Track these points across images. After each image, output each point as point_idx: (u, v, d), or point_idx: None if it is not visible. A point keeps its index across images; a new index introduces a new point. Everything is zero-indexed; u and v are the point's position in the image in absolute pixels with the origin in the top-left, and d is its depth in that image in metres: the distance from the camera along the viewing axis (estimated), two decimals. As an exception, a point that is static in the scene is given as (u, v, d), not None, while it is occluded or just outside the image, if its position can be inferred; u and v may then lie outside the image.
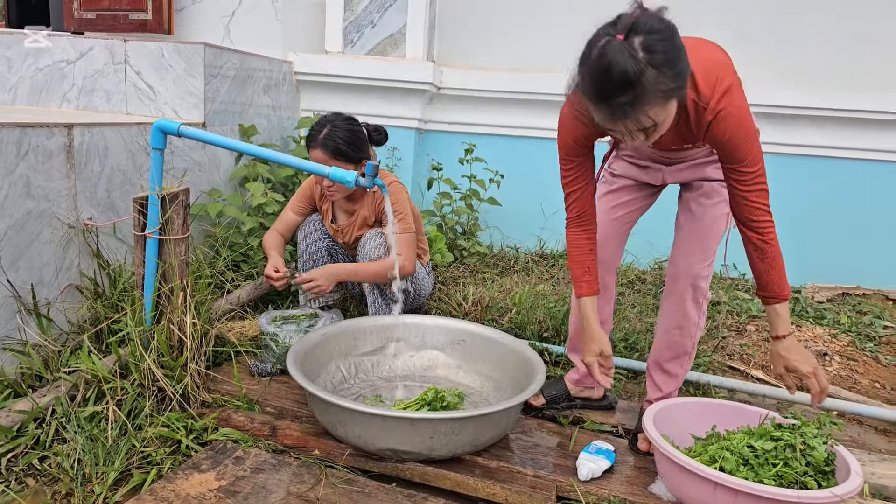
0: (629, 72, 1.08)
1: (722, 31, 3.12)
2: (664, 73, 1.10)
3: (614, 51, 1.08)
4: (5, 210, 1.65)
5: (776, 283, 1.41)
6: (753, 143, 1.31)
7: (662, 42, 1.10)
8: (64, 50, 2.60)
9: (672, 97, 1.15)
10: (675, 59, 1.12)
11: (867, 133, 3.04)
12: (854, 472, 1.29)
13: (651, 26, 1.10)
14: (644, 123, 1.17)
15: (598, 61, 1.11)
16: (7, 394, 1.56)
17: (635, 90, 1.10)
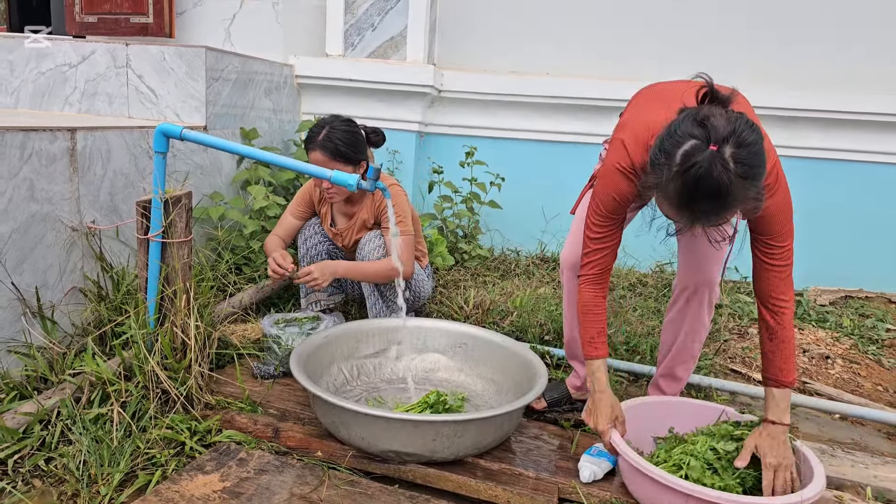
0: (722, 185, 1.07)
1: (725, 33, 3.16)
2: (752, 184, 1.10)
3: (709, 163, 1.07)
4: (9, 213, 1.66)
5: (779, 367, 1.36)
6: (789, 217, 1.30)
7: (753, 155, 1.09)
8: (66, 54, 2.62)
9: (756, 202, 1.15)
10: (760, 172, 1.11)
11: (870, 135, 3.05)
12: (818, 474, 1.31)
13: (744, 138, 1.08)
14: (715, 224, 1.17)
15: (689, 171, 1.08)
16: (13, 396, 1.57)
17: (725, 201, 1.10)
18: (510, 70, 3.39)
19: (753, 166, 1.09)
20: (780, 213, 1.29)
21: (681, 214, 1.16)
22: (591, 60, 3.32)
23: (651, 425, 1.57)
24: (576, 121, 3.28)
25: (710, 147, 1.07)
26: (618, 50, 3.28)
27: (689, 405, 1.61)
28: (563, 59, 3.35)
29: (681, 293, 1.67)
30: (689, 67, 3.60)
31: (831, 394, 2.15)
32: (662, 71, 3.23)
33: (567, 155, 3.34)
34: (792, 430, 1.92)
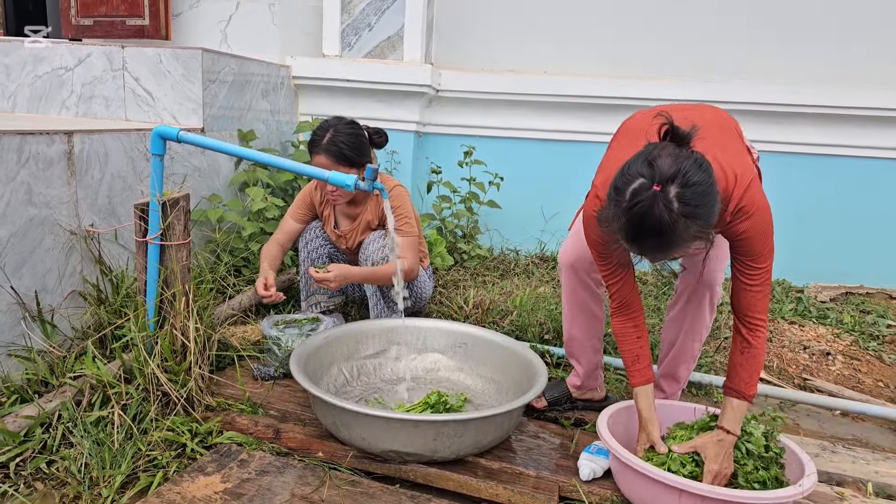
0: (664, 224, 1.12)
1: (723, 30, 3.16)
2: (695, 224, 1.14)
3: (651, 202, 1.12)
4: (7, 217, 1.66)
5: (744, 380, 1.38)
6: (768, 240, 1.32)
7: (699, 196, 1.13)
8: (62, 57, 2.61)
9: (704, 238, 1.19)
10: (706, 212, 1.15)
11: (870, 130, 3.05)
12: (808, 471, 1.31)
13: (689, 178, 1.13)
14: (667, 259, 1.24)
15: (633, 208, 1.14)
16: (14, 399, 1.57)
17: (665, 238, 1.15)
18: (508, 69, 3.39)
19: (697, 206, 1.13)
20: (759, 235, 1.31)
21: (631, 248, 1.22)
22: (590, 59, 3.32)
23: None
24: (575, 119, 3.28)
25: (654, 187, 1.12)
26: (617, 48, 3.28)
27: (684, 408, 1.61)
28: (562, 57, 3.35)
29: (682, 292, 1.68)
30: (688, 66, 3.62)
31: (832, 390, 2.15)
32: (661, 69, 3.24)
33: (566, 154, 3.34)
34: (793, 426, 1.94)
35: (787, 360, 2.37)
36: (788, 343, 2.49)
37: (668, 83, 3.14)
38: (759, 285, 1.35)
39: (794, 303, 2.92)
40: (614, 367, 2.14)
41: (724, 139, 1.37)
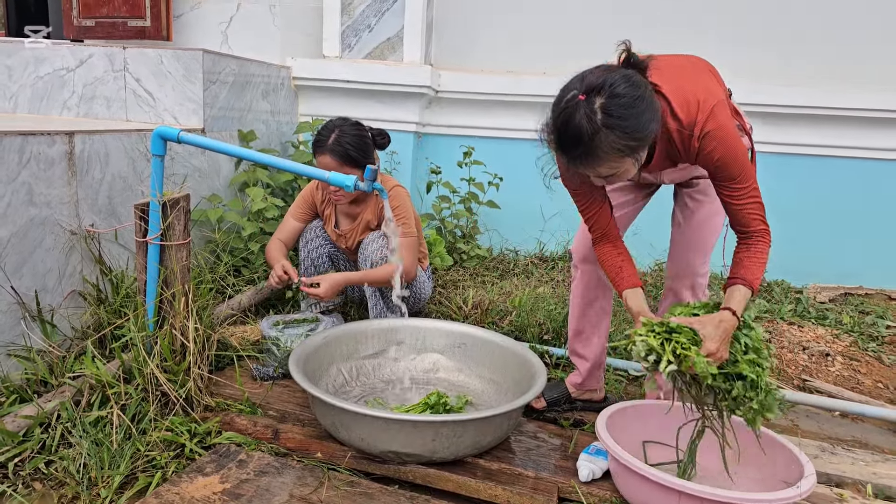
0: (582, 132, 1.17)
1: (720, 31, 3.16)
2: (617, 136, 1.17)
3: (574, 108, 1.17)
4: (8, 217, 1.66)
5: (750, 270, 1.35)
6: (744, 160, 1.33)
7: (621, 107, 1.16)
8: (64, 58, 2.62)
9: (627, 154, 1.21)
10: (631, 124, 1.17)
11: (869, 132, 3.05)
12: (807, 473, 1.31)
13: (615, 90, 1.16)
14: (599, 174, 1.27)
15: (559, 115, 1.20)
16: (13, 399, 1.57)
17: (587, 148, 1.19)
18: (507, 70, 3.39)
19: (620, 118, 1.16)
20: (732, 157, 1.31)
21: (560, 158, 1.27)
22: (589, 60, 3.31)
23: (643, 429, 1.58)
24: (573, 120, 3.28)
25: (580, 97, 1.17)
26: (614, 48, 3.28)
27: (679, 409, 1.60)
28: (561, 58, 3.35)
29: (666, 285, 1.68)
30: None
31: (831, 391, 2.15)
32: (660, 70, 3.24)
33: (565, 154, 3.34)
34: (792, 427, 1.94)
35: (786, 361, 2.37)
36: (787, 344, 2.48)
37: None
38: (752, 201, 1.35)
39: (794, 303, 2.92)
40: (614, 368, 2.14)
41: (693, 72, 1.38)
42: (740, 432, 1.52)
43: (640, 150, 1.23)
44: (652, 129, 1.22)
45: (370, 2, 3.29)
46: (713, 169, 1.35)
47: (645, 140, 1.22)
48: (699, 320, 1.32)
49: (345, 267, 2.36)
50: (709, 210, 1.59)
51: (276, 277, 2.07)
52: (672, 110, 1.30)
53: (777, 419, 1.98)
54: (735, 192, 1.35)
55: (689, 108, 1.30)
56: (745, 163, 1.33)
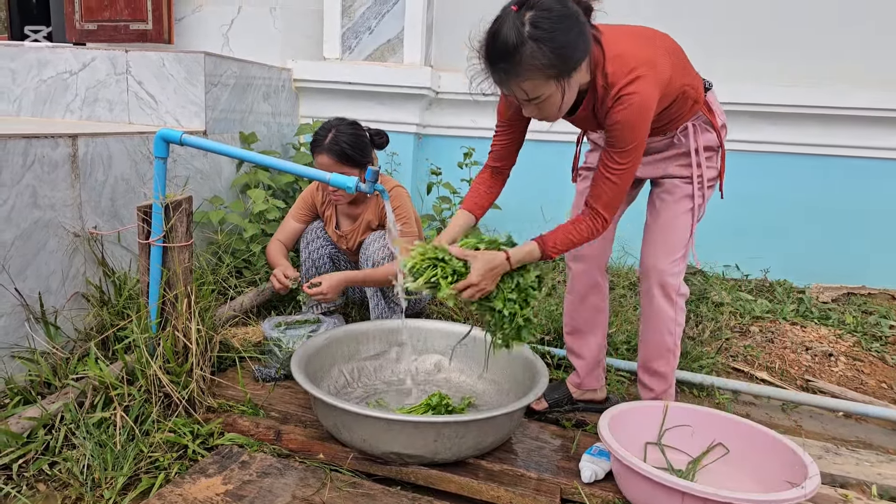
0: (509, 41, 1.17)
1: (721, 31, 3.16)
2: (542, 50, 1.17)
3: (504, 19, 1.19)
4: (12, 220, 1.67)
5: (553, 236, 1.46)
6: (636, 137, 1.33)
7: (549, 21, 1.17)
8: (66, 61, 2.63)
9: (550, 75, 1.21)
10: (558, 39, 1.17)
11: (871, 131, 3.05)
12: (811, 473, 1.31)
13: (545, 4, 1.17)
14: (520, 95, 1.26)
15: (491, 26, 1.22)
16: (17, 401, 1.58)
17: (512, 60, 1.18)
18: (509, 71, 3.40)
19: (548, 31, 1.16)
20: (629, 125, 1.31)
21: (488, 73, 1.25)
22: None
23: (643, 430, 1.58)
24: (575, 121, 3.28)
25: (512, 8, 1.18)
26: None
27: (685, 409, 1.60)
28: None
29: (640, 284, 1.68)
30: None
31: (835, 391, 2.14)
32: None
33: (565, 155, 3.34)
34: (795, 428, 1.93)
35: (789, 362, 2.36)
36: (790, 344, 2.48)
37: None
38: (614, 180, 1.37)
39: (796, 304, 2.91)
40: (615, 369, 2.14)
41: (644, 41, 1.38)
42: (743, 434, 1.53)
43: (565, 74, 1.23)
44: (578, 52, 1.22)
45: (370, 4, 3.30)
46: (609, 130, 1.35)
47: (569, 61, 1.21)
48: (476, 254, 1.43)
49: (346, 268, 2.37)
50: (674, 210, 1.58)
51: (275, 282, 2.08)
52: (604, 65, 1.31)
53: (780, 419, 1.99)
54: (609, 161, 1.37)
55: (619, 67, 1.30)
56: (637, 140, 1.33)
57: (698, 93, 1.51)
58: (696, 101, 1.51)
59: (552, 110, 1.31)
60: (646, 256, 1.63)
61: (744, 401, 2.10)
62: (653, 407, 1.61)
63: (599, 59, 1.31)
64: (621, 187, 1.38)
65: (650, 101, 1.31)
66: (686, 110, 1.50)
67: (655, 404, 1.61)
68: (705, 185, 1.57)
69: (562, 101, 1.28)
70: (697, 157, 1.54)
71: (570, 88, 1.28)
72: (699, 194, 1.56)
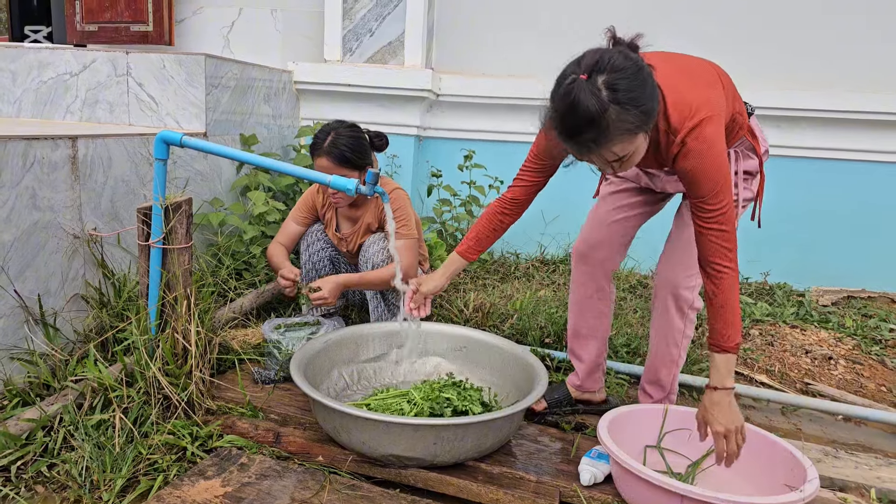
0: (592, 110, 1.11)
1: (724, 34, 3.17)
2: (627, 111, 1.13)
3: (578, 90, 1.12)
4: (12, 221, 1.67)
5: (719, 332, 1.34)
6: (718, 181, 1.28)
7: (625, 80, 1.12)
8: (67, 62, 2.64)
9: (638, 132, 1.18)
10: (638, 97, 1.14)
11: (873, 134, 3.05)
12: (810, 477, 1.31)
13: (615, 64, 1.13)
14: (610, 157, 1.21)
15: (563, 99, 1.14)
16: (16, 402, 1.58)
17: (599, 128, 1.13)
18: (508, 73, 3.40)
19: (627, 91, 1.12)
20: (705, 173, 1.27)
21: (568, 146, 1.21)
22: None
23: (642, 433, 1.57)
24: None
25: (581, 77, 1.13)
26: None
27: (681, 413, 1.60)
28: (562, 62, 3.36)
29: (654, 293, 1.68)
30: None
31: (834, 395, 2.14)
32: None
33: (566, 157, 3.35)
34: (794, 431, 1.93)
35: (788, 365, 2.36)
36: (790, 347, 2.48)
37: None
38: (716, 227, 1.29)
39: (796, 307, 2.91)
40: (615, 371, 2.14)
41: (695, 76, 1.35)
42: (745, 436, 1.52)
43: (649, 123, 1.19)
44: (655, 101, 1.19)
45: (371, 6, 3.31)
46: (685, 181, 1.32)
47: (652, 112, 1.18)
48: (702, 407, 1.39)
49: (346, 270, 2.36)
50: None
51: (281, 281, 2.07)
52: (665, 109, 1.28)
53: (780, 422, 1.98)
54: (700, 212, 1.31)
55: (681, 111, 1.27)
56: (720, 183, 1.28)
57: (744, 118, 1.49)
58: (741, 127, 1.48)
59: (634, 162, 1.26)
60: (663, 268, 1.62)
61: (743, 404, 2.10)
62: (652, 410, 1.61)
63: (661, 104, 1.27)
64: (728, 231, 1.30)
65: (718, 141, 1.28)
66: (732, 137, 1.47)
67: (655, 408, 1.61)
68: (740, 205, 1.55)
69: (647, 142, 1.25)
70: (736, 177, 1.52)
71: (645, 139, 1.25)
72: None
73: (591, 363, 1.80)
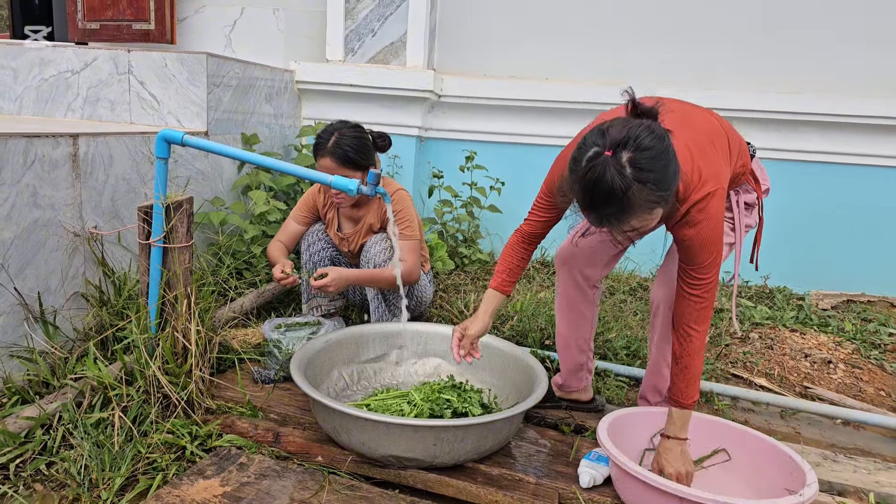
0: (616, 188, 1.12)
1: (724, 38, 3.17)
2: (649, 188, 1.13)
3: (602, 166, 1.12)
4: (12, 219, 1.67)
5: (681, 389, 1.42)
6: (713, 253, 1.34)
7: (650, 160, 1.13)
8: (69, 60, 2.63)
9: (657, 207, 1.19)
10: (662, 178, 1.15)
11: (872, 138, 3.05)
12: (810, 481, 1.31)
13: (641, 143, 1.13)
14: (633, 228, 1.22)
15: (586, 175, 1.14)
16: (15, 400, 1.58)
17: (622, 205, 1.14)
18: (510, 75, 3.41)
19: (651, 170, 1.13)
20: (701, 245, 1.33)
21: (588, 216, 1.22)
22: (591, 66, 3.33)
23: (642, 435, 1.57)
24: (576, 125, 3.23)
25: (606, 153, 1.13)
26: (618, 55, 3.29)
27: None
28: (563, 64, 3.37)
29: (651, 313, 1.69)
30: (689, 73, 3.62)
31: (833, 398, 2.14)
32: (661, 75, 3.25)
33: (567, 159, 3.35)
34: (793, 434, 1.93)
35: (787, 368, 2.36)
36: (789, 351, 2.48)
37: (670, 91, 3.14)
38: (698, 295, 1.36)
39: (796, 310, 2.91)
40: (615, 374, 2.14)
41: (707, 144, 1.36)
42: (743, 439, 1.52)
43: (669, 199, 1.20)
44: (676, 179, 1.20)
45: (373, 6, 3.31)
46: (681, 247, 1.37)
47: (671, 189, 1.19)
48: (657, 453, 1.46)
49: (346, 270, 2.36)
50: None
51: (277, 273, 2.07)
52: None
53: (779, 426, 1.99)
54: (688, 278, 1.37)
55: (690, 180, 1.29)
56: (714, 255, 1.34)
57: (747, 167, 1.52)
58: (743, 174, 1.52)
59: (650, 231, 1.32)
60: (662, 283, 1.62)
61: (742, 407, 2.10)
62: (651, 413, 1.61)
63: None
64: (708, 301, 1.37)
65: (719, 216, 1.32)
66: (735, 183, 1.52)
67: (654, 410, 1.61)
68: (741, 230, 1.58)
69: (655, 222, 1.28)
70: (738, 207, 1.56)
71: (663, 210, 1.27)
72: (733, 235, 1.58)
73: (571, 363, 1.82)
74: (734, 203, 1.57)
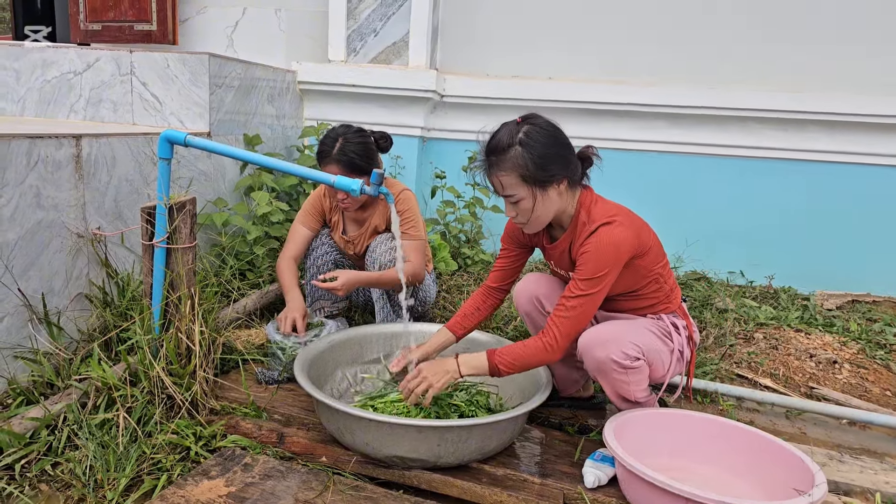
0: (502, 141, 1.45)
1: (728, 37, 3.16)
2: (524, 155, 1.42)
3: (507, 126, 1.47)
4: (16, 220, 1.67)
5: (505, 354, 1.50)
6: (601, 270, 1.44)
7: (539, 135, 1.44)
8: (71, 61, 2.64)
9: (526, 180, 1.43)
10: (540, 152, 1.42)
11: (877, 138, 3.04)
12: (818, 481, 1.30)
13: (540, 124, 1.47)
14: (501, 187, 1.46)
15: (496, 130, 1.49)
16: (20, 401, 1.58)
17: (499, 155, 1.44)
18: (513, 75, 3.40)
19: (534, 143, 1.42)
20: (601, 260, 1.44)
21: (480, 161, 1.51)
22: (595, 65, 3.32)
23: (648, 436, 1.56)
24: (579, 125, 3.28)
25: (517, 119, 1.48)
26: (622, 55, 3.29)
27: (685, 416, 1.59)
28: (566, 63, 3.36)
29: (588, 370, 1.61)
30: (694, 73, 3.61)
31: (839, 399, 2.14)
32: (663, 75, 3.24)
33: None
34: (800, 435, 1.92)
35: (793, 369, 2.35)
36: (794, 351, 2.47)
37: (673, 90, 3.14)
38: (574, 305, 1.45)
39: (801, 310, 2.90)
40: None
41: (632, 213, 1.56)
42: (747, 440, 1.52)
43: (538, 183, 1.43)
44: (554, 169, 1.43)
45: (376, 6, 3.31)
46: (579, 260, 1.48)
47: (543, 172, 1.42)
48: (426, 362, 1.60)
49: (350, 272, 2.36)
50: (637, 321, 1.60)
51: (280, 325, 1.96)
52: (590, 206, 1.52)
53: (784, 426, 1.98)
54: (572, 286, 1.47)
55: (603, 211, 1.50)
56: (602, 271, 1.44)
57: (673, 294, 1.62)
58: (669, 301, 1.61)
59: (526, 215, 1.49)
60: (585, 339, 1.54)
61: (748, 407, 2.09)
62: (658, 414, 1.60)
63: (587, 202, 1.53)
64: (581, 318, 1.46)
65: (623, 241, 1.45)
66: (659, 302, 1.61)
67: (661, 411, 1.61)
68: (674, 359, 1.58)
69: (533, 208, 1.46)
70: (677, 330, 1.61)
71: (543, 201, 1.46)
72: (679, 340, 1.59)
73: (568, 378, 1.84)
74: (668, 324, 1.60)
